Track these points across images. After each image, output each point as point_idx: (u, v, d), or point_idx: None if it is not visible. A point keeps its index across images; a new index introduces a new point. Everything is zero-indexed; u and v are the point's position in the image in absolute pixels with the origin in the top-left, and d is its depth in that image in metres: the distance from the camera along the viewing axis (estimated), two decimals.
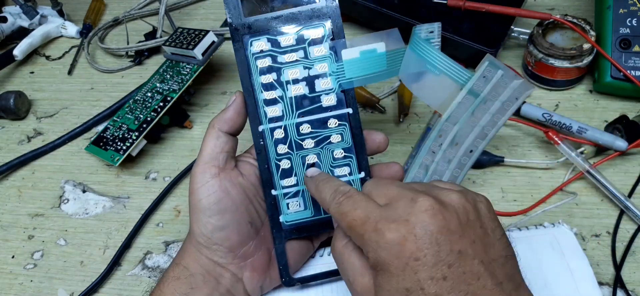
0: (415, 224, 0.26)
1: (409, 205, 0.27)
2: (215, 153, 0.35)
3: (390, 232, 0.27)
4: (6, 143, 0.55)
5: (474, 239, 0.27)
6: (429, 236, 0.26)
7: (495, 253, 0.27)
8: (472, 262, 0.26)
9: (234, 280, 0.36)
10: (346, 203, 0.30)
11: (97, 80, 0.61)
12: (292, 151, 0.37)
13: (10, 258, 0.46)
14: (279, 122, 0.36)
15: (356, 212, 0.29)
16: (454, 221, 0.27)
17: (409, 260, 0.26)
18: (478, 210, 0.28)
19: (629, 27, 0.48)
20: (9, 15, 0.65)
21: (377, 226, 0.27)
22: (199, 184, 0.35)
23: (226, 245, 0.35)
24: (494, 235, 0.28)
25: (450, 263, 0.26)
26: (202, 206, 0.35)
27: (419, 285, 0.26)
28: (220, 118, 0.36)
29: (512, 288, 0.27)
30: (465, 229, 0.27)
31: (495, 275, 0.26)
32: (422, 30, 0.39)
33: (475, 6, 0.52)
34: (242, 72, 0.36)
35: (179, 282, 0.35)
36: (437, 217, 0.27)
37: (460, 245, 0.26)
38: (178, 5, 0.67)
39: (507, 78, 0.36)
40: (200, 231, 0.35)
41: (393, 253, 0.26)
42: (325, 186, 0.32)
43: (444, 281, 0.26)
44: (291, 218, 0.37)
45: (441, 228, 0.26)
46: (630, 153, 0.45)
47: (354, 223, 0.28)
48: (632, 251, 0.40)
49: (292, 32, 0.36)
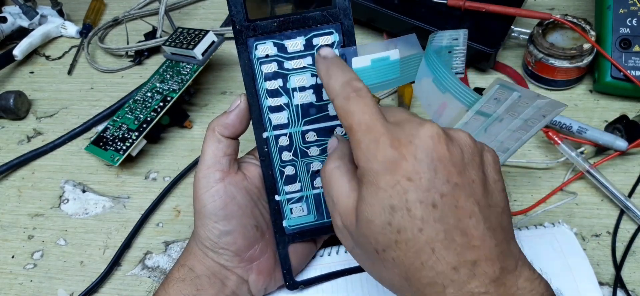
0: (417, 146, 0.25)
1: (416, 127, 0.26)
2: (218, 157, 0.35)
3: (390, 148, 0.26)
4: (6, 143, 0.55)
5: (473, 179, 0.26)
6: (429, 161, 0.25)
7: (493, 201, 0.26)
8: (466, 199, 0.25)
9: (239, 282, 0.36)
10: (356, 102, 0.27)
11: (97, 80, 0.61)
12: (297, 158, 0.36)
13: (10, 258, 0.46)
14: (284, 129, 0.35)
15: (363, 116, 0.27)
16: (457, 155, 0.26)
17: (402, 178, 0.25)
18: (483, 156, 0.27)
19: (629, 27, 0.48)
20: (9, 15, 0.65)
21: (380, 138, 0.26)
22: (204, 189, 0.34)
23: (232, 249, 0.35)
24: (495, 185, 0.27)
25: (444, 193, 0.25)
26: (208, 211, 0.34)
27: (405, 205, 0.25)
28: (221, 122, 0.35)
29: (504, 238, 0.26)
30: (466, 167, 0.26)
31: (490, 219, 0.25)
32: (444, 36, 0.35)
33: (475, 6, 0.52)
34: (245, 76, 0.34)
35: (185, 284, 0.35)
36: (441, 145, 0.25)
37: (458, 180, 0.25)
38: (178, 5, 0.67)
39: (527, 98, 0.34)
40: (206, 235, 0.35)
41: (387, 167, 0.25)
42: (338, 72, 0.29)
43: (433, 208, 0.25)
44: (294, 222, 0.37)
45: (442, 157, 0.25)
46: (630, 153, 0.45)
47: (357, 126, 0.27)
48: (632, 251, 0.40)
49: (300, 37, 0.34)
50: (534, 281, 0.25)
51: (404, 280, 0.26)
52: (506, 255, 0.25)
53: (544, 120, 0.35)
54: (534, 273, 0.26)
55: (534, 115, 0.35)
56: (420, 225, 0.25)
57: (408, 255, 0.25)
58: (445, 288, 0.25)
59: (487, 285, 0.24)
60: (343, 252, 0.40)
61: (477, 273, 0.24)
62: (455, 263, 0.24)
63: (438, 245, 0.24)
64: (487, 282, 0.24)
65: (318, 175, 0.36)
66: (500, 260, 0.25)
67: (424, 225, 0.25)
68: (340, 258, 0.40)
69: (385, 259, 0.26)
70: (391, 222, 0.25)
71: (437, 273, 0.25)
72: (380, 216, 0.25)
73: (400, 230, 0.25)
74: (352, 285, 0.39)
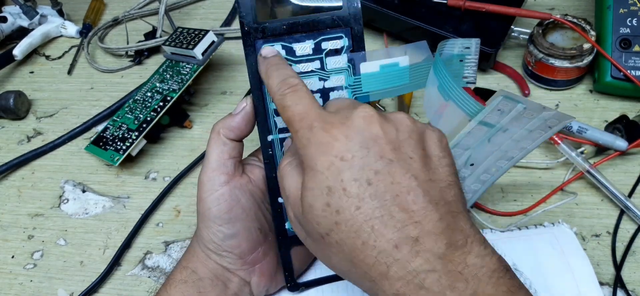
0: (349, 127, 0.26)
1: (350, 110, 0.27)
2: (223, 160, 0.34)
3: (323, 131, 0.26)
4: (6, 143, 0.55)
5: (411, 156, 0.26)
6: (361, 139, 0.26)
7: (436, 176, 0.26)
8: (403, 175, 0.25)
9: (241, 284, 0.36)
10: (290, 96, 0.29)
11: (97, 80, 0.61)
12: None
13: (10, 258, 0.46)
14: (289, 132, 0.34)
15: (297, 107, 0.28)
16: (391, 133, 0.26)
17: (335, 159, 0.25)
18: (425, 135, 0.28)
19: (629, 27, 0.48)
20: (9, 15, 0.65)
21: (313, 124, 0.27)
22: (208, 192, 0.34)
23: (236, 253, 0.35)
24: (439, 162, 0.27)
25: (377, 170, 0.25)
26: (212, 214, 0.34)
27: (341, 184, 0.25)
28: (227, 124, 0.34)
29: (448, 211, 0.25)
30: (402, 144, 0.26)
31: (430, 193, 0.25)
32: (456, 44, 0.35)
33: (475, 6, 0.52)
34: (252, 78, 0.34)
35: (187, 285, 0.35)
36: (373, 124, 0.26)
37: (393, 156, 0.26)
38: (178, 5, 0.67)
39: (532, 110, 0.34)
40: (210, 238, 0.34)
41: (321, 150, 0.26)
42: (275, 72, 0.30)
43: (368, 185, 0.25)
44: None
45: (375, 136, 0.26)
46: (630, 153, 0.45)
47: (292, 117, 0.28)
48: (632, 251, 0.40)
49: (309, 41, 0.33)
50: (485, 258, 0.24)
51: (349, 263, 0.26)
52: (452, 230, 0.25)
53: (550, 131, 0.35)
54: (485, 248, 0.25)
55: (539, 126, 0.34)
56: (357, 203, 0.25)
57: (349, 236, 0.25)
58: (389, 267, 0.24)
59: (432, 262, 0.24)
60: None
61: (421, 250, 0.24)
62: (396, 240, 0.24)
63: (376, 222, 0.24)
64: (433, 259, 0.24)
65: None
66: (445, 235, 0.24)
67: (361, 202, 0.25)
68: None
69: (330, 243, 0.26)
70: (330, 203, 0.25)
71: (379, 252, 0.24)
72: (319, 199, 0.26)
73: (339, 210, 0.25)
74: (352, 287, 0.39)
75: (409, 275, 0.24)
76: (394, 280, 0.24)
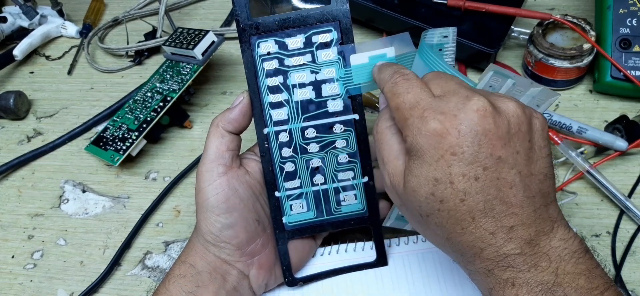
0: (462, 120, 0.26)
1: (462, 101, 0.27)
2: (221, 152, 0.35)
3: (434, 122, 0.27)
4: (6, 143, 0.55)
5: (518, 150, 0.27)
6: (473, 135, 0.26)
7: (536, 169, 0.27)
8: (509, 171, 0.26)
9: (240, 277, 0.36)
10: (402, 84, 0.29)
11: (97, 80, 0.61)
12: (297, 154, 0.36)
13: (10, 258, 0.46)
14: (284, 125, 0.36)
15: (408, 95, 0.28)
16: (503, 127, 0.26)
17: (446, 153, 0.26)
18: (532, 124, 0.28)
19: (629, 27, 0.48)
20: (9, 15, 0.65)
21: (424, 114, 0.27)
22: (206, 183, 0.35)
23: (234, 243, 0.35)
24: (540, 153, 0.28)
25: (486, 166, 0.26)
26: (210, 204, 0.35)
27: (449, 178, 0.26)
28: (225, 117, 0.36)
29: (542, 203, 0.27)
30: (512, 138, 0.27)
31: (530, 188, 0.27)
32: (434, 34, 0.37)
33: (475, 6, 0.52)
34: (248, 73, 0.35)
35: (185, 280, 0.35)
36: (486, 119, 0.26)
37: (502, 152, 0.26)
38: (178, 5, 0.67)
39: (521, 86, 0.34)
40: (208, 229, 0.35)
41: (432, 142, 0.26)
42: (388, 68, 0.32)
43: (476, 181, 0.26)
44: (294, 219, 0.37)
45: (487, 131, 0.26)
46: (630, 153, 0.45)
47: (402, 105, 0.28)
48: (632, 252, 0.40)
49: (300, 35, 0.35)
50: (567, 241, 0.27)
51: (445, 240, 0.28)
52: (543, 219, 0.27)
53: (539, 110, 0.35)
54: (568, 232, 0.27)
55: (529, 104, 0.35)
56: (462, 197, 0.26)
57: (449, 222, 0.27)
58: (483, 250, 0.27)
59: (521, 246, 0.26)
60: (343, 251, 0.40)
61: (513, 236, 0.26)
62: (493, 229, 0.26)
63: (478, 214, 0.26)
64: (523, 244, 0.26)
65: (318, 171, 0.37)
66: (536, 224, 0.27)
67: (466, 196, 0.26)
68: (340, 257, 0.40)
69: (428, 222, 0.28)
70: (434, 193, 0.27)
71: (476, 237, 0.27)
72: (424, 187, 0.27)
73: (443, 200, 0.27)
74: (351, 282, 0.39)
75: (499, 257, 0.26)
76: (485, 259, 0.27)
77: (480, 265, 0.27)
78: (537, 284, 0.26)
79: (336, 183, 0.37)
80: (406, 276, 0.39)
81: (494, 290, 0.27)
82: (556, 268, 0.26)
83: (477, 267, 0.27)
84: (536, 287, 0.26)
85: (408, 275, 0.39)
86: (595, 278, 0.26)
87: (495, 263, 0.26)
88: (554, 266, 0.26)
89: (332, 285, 0.39)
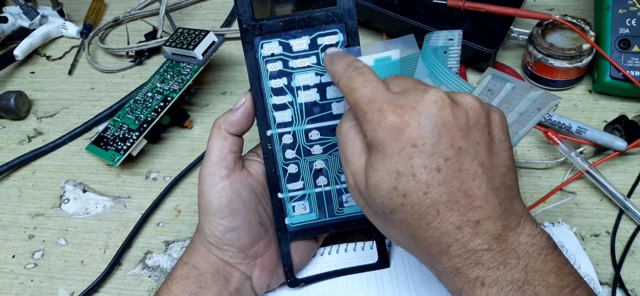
0: (421, 112, 0.26)
1: (420, 94, 0.27)
2: (224, 155, 0.35)
3: (393, 115, 0.26)
4: (7, 143, 0.56)
5: (478, 142, 0.27)
6: (433, 126, 0.26)
7: (498, 161, 0.27)
8: (471, 162, 0.26)
9: (243, 278, 0.36)
10: (357, 78, 0.28)
11: (98, 80, 0.61)
12: (300, 156, 0.36)
13: (11, 257, 0.46)
14: (287, 127, 0.35)
15: (365, 90, 0.28)
16: (461, 119, 0.26)
17: (406, 145, 0.26)
18: (490, 117, 0.28)
19: (629, 27, 0.48)
20: (10, 16, 0.65)
21: (382, 107, 0.27)
22: (209, 186, 0.34)
23: (237, 246, 0.35)
24: (501, 146, 0.28)
25: (447, 157, 0.26)
26: (213, 208, 0.34)
27: (411, 170, 0.26)
28: (228, 119, 0.35)
29: (507, 196, 0.27)
30: (471, 130, 0.26)
31: (493, 180, 0.26)
32: (440, 37, 0.36)
33: (475, 6, 0.52)
34: (251, 74, 0.35)
35: (188, 281, 0.35)
36: (445, 109, 0.26)
37: (462, 143, 0.26)
38: (178, 6, 0.67)
39: (521, 90, 0.34)
40: (211, 232, 0.35)
41: (392, 135, 0.26)
42: (340, 60, 0.31)
43: (438, 172, 0.26)
44: (296, 220, 0.37)
45: (446, 122, 0.26)
46: (630, 153, 0.45)
47: (360, 100, 0.28)
48: (631, 251, 0.40)
49: (305, 36, 0.34)
50: (535, 236, 0.27)
51: (410, 239, 0.27)
52: (509, 213, 0.27)
53: (539, 114, 0.35)
54: (535, 228, 0.27)
55: (528, 108, 0.35)
56: (425, 189, 0.26)
57: (414, 217, 0.26)
58: (449, 246, 0.26)
59: (489, 242, 0.26)
60: (343, 251, 0.40)
61: (480, 231, 0.26)
62: (459, 223, 0.26)
63: (442, 207, 0.26)
64: (489, 239, 0.26)
65: (321, 173, 0.37)
66: (502, 218, 0.26)
67: (429, 188, 0.26)
68: (341, 257, 0.40)
69: (392, 220, 0.27)
70: (397, 187, 0.26)
71: (441, 233, 0.26)
72: (386, 181, 0.26)
73: (406, 194, 0.26)
74: (351, 281, 0.39)
75: (467, 253, 0.26)
76: (452, 257, 0.26)
77: (447, 263, 0.27)
78: (508, 283, 0.25)
79: (339, 185, 0.37)
80: (406, 276, 0.39)
81: (464, 291, 0.26)
82: (525, 265, 0.26)
83: (445, 266, 0.27)
84: (506, 286, 0.25)
85: (408, 275, 0.39)
86: (566, 275, 0.26)
87: (464, 260, 0.26)
88: (523, 263, 0.26)
89: (331, 284, 0.39)
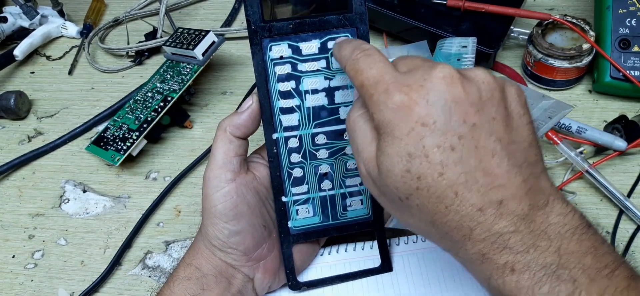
0: (429, 90, 0.25)
1: (427, 71, 0.25)
2: (229, 158, 0.34)
3: (400, 94, 0.25)
4: (7, 143, 0.56)
5: (494, 116, 0.25)
6: (442, 103, 0.24)
7: (518, 136, 0.25)
8: (487, 138, 0.24)
9: (245, 280, 0.36)
10: (363, 60, 0.27)
11: (98, 80, 0.61)
12: (306, 160, 0.36)
13: (11, 257, 0.46)
14: (294, 131, 0.35)
15: (371, 71, 0.27)
16: (473, 94, 0.25)
17: (416, 124, 0.24)
18: (505, 91, 0.26)
19: (629, 27, 0.48)
20: (10, 15, 0.65)
21: (389, 88, 0.25)
22: (214, 189, 0.34)
23: (241, 249, 0.35)
24: (520, 120, 0.26)
25: (461, 135, 0.24)
26: (218, 211, 0.34)
27: (423, 151, 0.24)
28: (233, 122, 0.34)
29: (532, 173, 0.25)
30: (485, 104, 0.25)
31: (514, 156, 0.25)
32: (453, 43, 0.35)
33: (475, 6, 0.52)
34: (258, 76, 0.34)
35: (190, 282, 0.35)
36: (454, 85, 0.25)
37: (476, 119, 0.24)
38: (178, 6, 0.67)
39: (532, 99, 0.33)
40: (216, 235, 0.35)
41: (400, 115, 0.25)
42: (348, 45, 0.30)
43: (452, 151, 0.24)
44: (300, 223, 0.37)
45: (457, 98, 0.24)
46: (630, 153, 0.45)
47: (366, 82, 0.27)
48: (631, 251, 0.40)
49: (315, 40, 0.34)
50: (566, 216, 0.25)
51: (430, 225, 0.26)
52: (535, 191, 0.25)
53: (550, 122, 0.35)
54: (566, 206, 0.25)
55: (539, 117, 0.35)
56: (440, 170, 0.24)
57: (431, 201, 0.25)
58: (472, 230, 0.24)
59: (515, 223, 0.24)
60: (343, 251, 0.40)
61: (504, 212, 0.24)
62: (480, 204, 0.24)
63: (460, 187, 0.24)
64: (516, 221, 0.24)
65: (326, 177, 0.36)
66: (528, 197, 0.25)
67: (444, 169, 0.24)
68: (342, 257, 0.40)
69: (409, 206, 0.26)
70: (410, 170, 0.25)
71: (462, 216, 0.24)
72: (398, 165, 0.25)
73: (420, 177, 0.25)
74: (352, 283, 0.39)
75: (493, 237, 0.24)
76: (477, 241, 0.24)
77: (472, 249, 0.25)
78: (540, 267, 0.23)
79: (343, 189, 0.37)
80: (406, 276, 0.39)
81: (492, 278, 0.25)
82: (558, 247, 0.24)
83: (469, 253, 0.25)
84: (539, 272, 0.23)
85: (408, 275, 0.39)
86: (603, 255, 0.24)
87: (489, 245, 0.24)
88: (555, 245, 0.24)
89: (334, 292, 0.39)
